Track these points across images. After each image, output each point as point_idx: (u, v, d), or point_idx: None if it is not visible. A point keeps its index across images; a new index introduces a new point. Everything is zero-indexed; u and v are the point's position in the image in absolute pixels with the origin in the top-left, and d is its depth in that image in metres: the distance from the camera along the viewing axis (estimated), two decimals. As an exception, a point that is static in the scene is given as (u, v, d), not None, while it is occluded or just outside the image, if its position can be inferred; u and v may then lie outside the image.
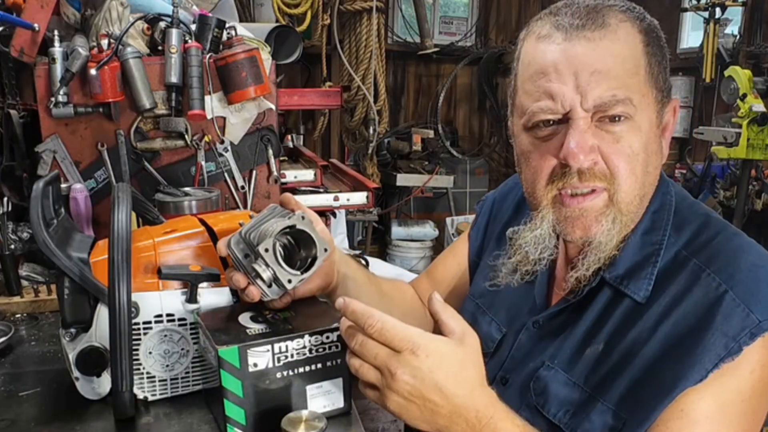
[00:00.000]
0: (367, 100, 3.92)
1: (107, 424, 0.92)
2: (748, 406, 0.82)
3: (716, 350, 0.79)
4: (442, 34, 5.78)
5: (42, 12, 1.68)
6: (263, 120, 1.88)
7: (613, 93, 0.82)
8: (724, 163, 4.15)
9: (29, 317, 1.44)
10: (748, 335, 0.79)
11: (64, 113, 1.69)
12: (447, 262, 1.31)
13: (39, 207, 0.91)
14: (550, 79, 0.84)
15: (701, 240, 0.88)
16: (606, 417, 0.85)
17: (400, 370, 0.75)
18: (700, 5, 4.74)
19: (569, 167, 0.85)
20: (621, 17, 0.85)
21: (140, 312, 0.94)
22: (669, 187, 0.95)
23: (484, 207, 1.27)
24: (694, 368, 0.80)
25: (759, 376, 0.81)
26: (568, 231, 0.89)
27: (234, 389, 0.84)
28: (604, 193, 0.86)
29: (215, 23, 1.78)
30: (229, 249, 0.92)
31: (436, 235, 5.14)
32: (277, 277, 0.88)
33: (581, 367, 0.90)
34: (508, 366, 1.01)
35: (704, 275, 0.84)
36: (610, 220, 0.86)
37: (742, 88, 3.56)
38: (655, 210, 0.92)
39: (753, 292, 0.81)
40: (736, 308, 0.80)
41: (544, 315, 0.98)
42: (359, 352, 0.78)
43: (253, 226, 0.92)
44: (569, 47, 0.83)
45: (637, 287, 0.88)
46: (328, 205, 2.15)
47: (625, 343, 0.87)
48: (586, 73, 0.82)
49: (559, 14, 0.86)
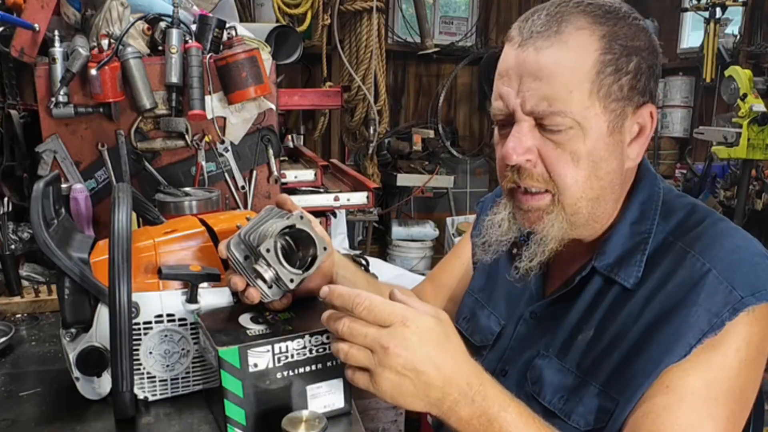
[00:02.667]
0: (368, 100, 3.92)
1: (107, 424, 0.92)
2: (735, 384, 0.82)
3: (699, 326, 0.82)
4: (443, 34, 5.77)
5: (42, 12, 1.68)
6: (263, 120, 1.88)
7: (549, 104, 0.85)
8: (725, 163, 4.15)
9: (30, 317, 1.44)
10: (730, 311, 0.81)
11: (64, 113, 1.69)
12: (450, 264, 1.32)
13: (39, 207, 0.91)
14: (503, 81, 0.90)
15: (687, 226, 0.91)
16: (598, 399, 0.88)
17: (393, 342, 0.75)
18: (700, 5, 4.74)
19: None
20: (581, 24, 0.86)
21: (140, 312, 0.94)
22: (657, 180, 0.98)
23: (483, 207, 1.29)
24: (678, 343, 0.82)
25: (745, 355, 0.83)
26: (520, 222, 0.96)
27: (234, 389, 0.84)
28: (547, 194, 0.91)
29: (215, 23, 1.78)
30: (228, 251, 0.92)
31: (436, 235, 5.13)
32: (280, 277, 0.88)
33: (573, 353, 0.93)
34: (507, 357, 1.04)
35: (689, 257, 0.87)
36: (553, 218, 0.91)
37: (742, 88, 3.56)
38: (643, 201, 0.95)
39: (736, 270, 0.83)
40: (719, 285, 0.83)
41: (539, 305, 1.02)
42: (348, 334, 0.77)
43: (252, 228, 0.92)
44: (520, 53, 0.87)
45: (627, 274, 0.91)
46: (329, 205, 2.15)
47: (614, 326, 0.90)
48: (529, 80, 0.86)
49: (528, 20, 0.89)
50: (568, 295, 0.97)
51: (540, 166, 0.89)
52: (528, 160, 0.89)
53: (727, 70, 3.79)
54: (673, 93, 5.27)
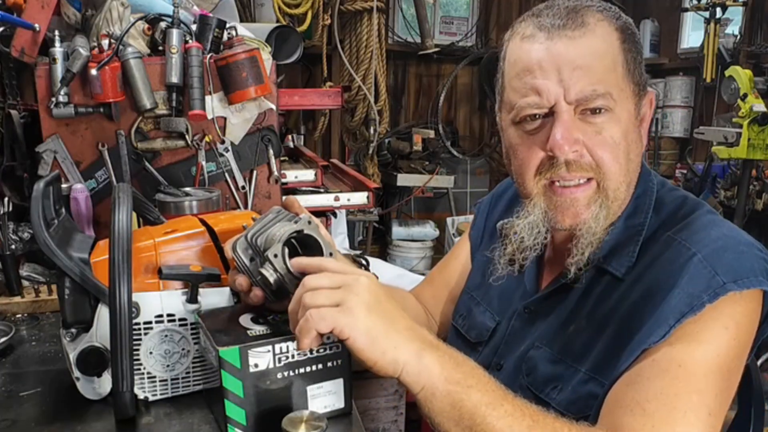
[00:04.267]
0: (368, 100, 3.92)
1: (108, 424, 0.92)
2: (723, 362, 0.83)
3: (680, 307, 0.83)
4: (443, 34, 5.76)
5: (43, 12, 1.68)
6: (264, 120, 1.88)
7: (594, 88, 0.88)
8: (725, 163, 4.15)
9: (30, 317, 1.44)
10: (711, 294, 0.82)
11: (64, 113, 1.69)
12: (449, 265, 1.32)
13: (40, 207, 0.91)
14: (536, 75, 0.90)
15: (677, 217, 0.93)
16: (588, 385, 0.89)
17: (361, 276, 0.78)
18: (700, 5, 4.73)
19: (556, 158, 0.90)
20: (598, 17, 0.91)
21: (141, 312, 0.94)
22: (651, 175, 1.00)
23: (481, 207, 1.30)
24: (658, 324, 0.83)
25: (735, 333, 0.83)
26: (558, 219, 0.95)
27: (235, 389, 0.84)
28: (593, 182, 0.92)
29: (216, 23, 1.78)
30: (234, 252, 0.92)
31: (436, 235, 5.13)
32: (284, 282, 0.88)
33: (565, 342, 0.94)
34: (502, 352, 1.05)
35: (675, 243, 0.88)
36: (599, 205, 0.92)
37: (742, 88, 3.55)
38: (638, 195, 0.97)
39: (720, 256, 0.85)
40: (702, 270, 0.84)
41: (534, 299, 1.04)
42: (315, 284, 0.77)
43: (260, 231, 0.91)
44: (552, 45, 0.89)
45: (619, 264, 0.93)
46: (329, 205, 2.15)
47: (603, 312, 0.91)
48: (569, 69, 0.88)
49: (541, 15, 0.92)
50: (562, 288, 0.99)
51: (587, 155, 0.91)
52: (575, 150, 0.90)
53: (728, 70, 3.79)
54: (674, 93, 5.26)
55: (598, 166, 0.91)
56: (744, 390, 1.06)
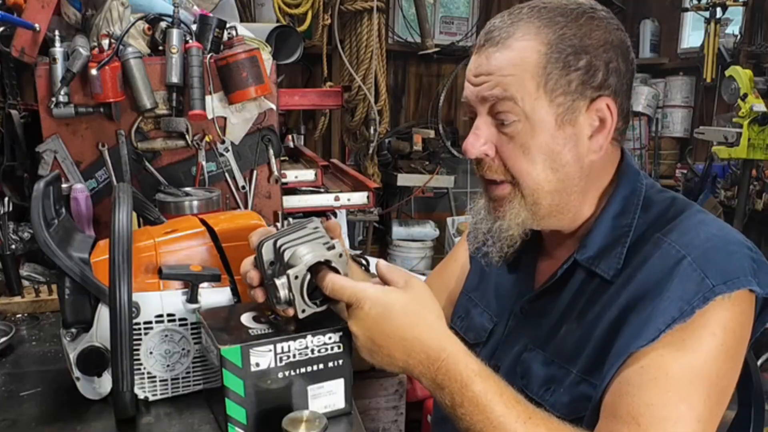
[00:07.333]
0: (368, 100, 3.91)
1: (108, 424, 0.92)
2: (712, 368, 0.83)
3: (670, 312, 0.83)
4: (443, 33, 5.76)
5: (43, 12, 1.68)
6: (264, 120, 1.88)
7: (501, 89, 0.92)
8: (725, 163, 4.15)
9: (30, 317, 1.44)
10: (701, 299, 0.82)
11: (64, 113, 1.69)
12: (448, 268, 1.32)
13: (40, 207, 0.91)
14: (467, 84, 0.98)
15: (666, 218, 0.94)
16: (580, 386, 0.90)
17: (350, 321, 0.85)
18: (700, 5, 4.73)
19: None
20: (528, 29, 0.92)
21: (141, 312, 0.94)
22: (639, 176, 1.00)
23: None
24: (647, 328, 0.83)
25: (722, 339, 0.83)
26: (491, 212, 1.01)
27: (236, 389, 0.84)
28: (507, 184, 0.96)
29: (216, 23, 1.77)
30: (257, 249, 0.91)
31: (436, 235, 5.13)
32: (292, 302, 0.86)
33: (557, 344, 0.96)
34: (499, 353, 1.06)
35: (664, 244, 0.89)
36: (515, 206, 0.96)
37: (742, 88, 3.55)
38: (625, 195, 0.98)
39: (710, 258, 0.85)
40: (692, 273, 0.84)
41: (526, 299, 1.05)
42: None
43: (291, 241, 0.89)
44: (476, 59, 0.96)
45: (608, 266, 0.94)
46: (329, 205, 2.15)
47: (593, 314, 0.92)
48: (482, 76, 0.94)
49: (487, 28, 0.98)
50: (552, 288, 1.01)
51: (497, 159, 0.96)
52: (486, 154, 0.96)
53: (728, 70, 3.79)
54: (674, 93, 5.26)
55: (508, 171, 0.95)
56: (744, 390, 1.06)
